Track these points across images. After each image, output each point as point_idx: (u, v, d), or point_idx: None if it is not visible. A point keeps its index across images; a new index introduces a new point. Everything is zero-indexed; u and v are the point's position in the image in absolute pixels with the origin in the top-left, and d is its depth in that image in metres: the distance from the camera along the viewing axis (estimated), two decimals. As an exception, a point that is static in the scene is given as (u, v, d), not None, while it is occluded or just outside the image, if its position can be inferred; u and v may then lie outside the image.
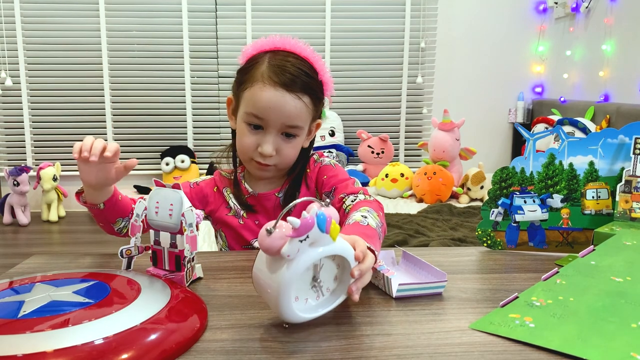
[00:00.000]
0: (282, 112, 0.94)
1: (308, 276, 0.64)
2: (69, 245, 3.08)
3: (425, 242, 2.18)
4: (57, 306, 0.62)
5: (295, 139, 0.99)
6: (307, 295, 0.65)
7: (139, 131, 3.70)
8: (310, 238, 0.60)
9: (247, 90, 0.97)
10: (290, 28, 3.63)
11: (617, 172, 0.96)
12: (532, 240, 0.98)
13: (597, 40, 3.19)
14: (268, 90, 0.94)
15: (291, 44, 0.98)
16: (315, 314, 0.65)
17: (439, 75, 3.78)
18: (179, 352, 0.58)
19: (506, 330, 0.63)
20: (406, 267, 0.85)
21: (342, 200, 0.99)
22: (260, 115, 0.95)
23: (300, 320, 0.64)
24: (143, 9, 3.58)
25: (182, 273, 0.76)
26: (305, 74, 0.96)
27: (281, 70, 0.94)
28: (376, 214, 0.89)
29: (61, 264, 0.90)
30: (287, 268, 0.60)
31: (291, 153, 1.00)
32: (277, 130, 0.97)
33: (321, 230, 0.60)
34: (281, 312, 0.62)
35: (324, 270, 0.66)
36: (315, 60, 0.98)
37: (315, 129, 1.05)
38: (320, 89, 0.99)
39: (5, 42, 3.51)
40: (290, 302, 0.62)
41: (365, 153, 3.50)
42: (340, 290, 0.67)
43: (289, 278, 0.60)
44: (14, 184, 3.33)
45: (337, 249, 0.63)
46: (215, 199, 1.08)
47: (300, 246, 0.59)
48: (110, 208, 0.93)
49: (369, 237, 0.78)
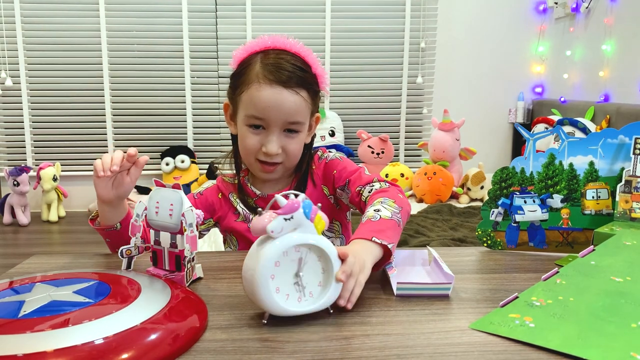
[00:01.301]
0: (281, 109, 0.94)
1: (291, 268, 0.65)
2: (69, 245, 3.08)
3: (425, 242, 2.18)
4: (57, 306, 0.62)
5: (298, 135, 0.99)
6: (289, 291, 0.65)
7: (139, 131, 3.70)
8: (295, 220, 0.63)
9: (244, 93, 0.97)
10: (290, 28, 3.63)
11: (617, 172, 0.96)
12: (532, 240, 0.98)
13: (597, 40, 3.19)
14: (265, 89, 0.94)
15: (281, 41, 0.99)
16: (295, 310, 0.65)
17: (439, 75, 3.78)
18: (179, 352, 0.58)
19: (506, 330, 0.63)
20: (433, 268, 0.85)
21: (359, 194, 0.99)
22: (261, 116, 0.95)
23: (279, 311, 0.64)
24: (143, 9, 3.58)
25: (182, 273, 0.76)
26: (300, 69, 0.96)
27: (275, 68, 0.94)
28: (392, 200, 0.89)
29: (61, 264, 0.90)
30: (270, 245, 0.63)
31: (296, 149, 1.00)
32: (279, 128, 0.96)
33: (306, 216, 0.64)
34: (259, 294, 0.63)
35: (307, 271, 0.66)
36: (306, 55, 0.99)
37: (315, 124, 1.05)
38: (315, 82, 1.00)
39: (5, 42, 3.51)
40: (269, 282, 0.62)
41: (365, 153, 3.50)
42: (322, 296, 0.67)
43: (270, 255, 0.62)
44: (14, 184, 3.33)
45: (319, 240, 0.66)
46: (222, 206, 1.07)
47: (284, 225, 0.63)
48: (127, 227, 0.89)
49: (380, 232, 0.79)
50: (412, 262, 0.88)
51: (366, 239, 0.79)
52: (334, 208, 1.08)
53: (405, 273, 0.84)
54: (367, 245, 0.78)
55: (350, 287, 0.69)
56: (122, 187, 0.89)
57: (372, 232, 0.79)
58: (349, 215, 1.13)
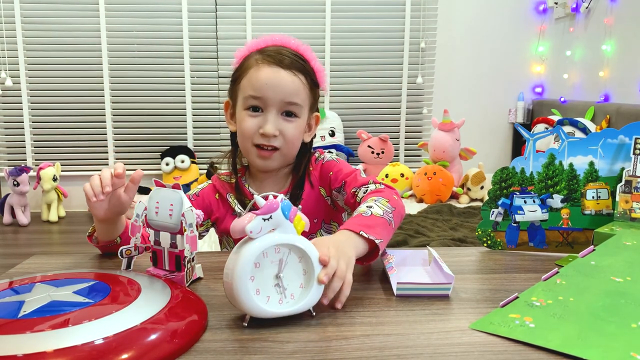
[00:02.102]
0: (279, 87, 0.95)
1: (271, 270, 0.64)
2: (69, 245, 3.08)
3: (425, 242, 2.18)
4: (57, 306, 0.62)
5: (297, 120, 0.99)
6: (269, 292, 0.64)
7: (139, 131, 3.70)
8: (274, 220, 0.63)
9: (243, 80, 0.98)
10: (290, 28, 3.63)
11: (617, 172, 0.96)
12: (532, 240, 0.98)
13: (597, 40, 3.19)
14: (263, 69, 0.95)
15: (279, 38, 1.01)
16: (276, 311, 0.64)
17: (439, 75, 3.78)
18: (179, 352, 0.58)
19: (506, 330, 0.63)
20: (433, 268, 0.85)
21: (355, 195, 0.98)
22: (258, 94, 0.96)
23: (260, 313, 0.63)
24: (143, 9, 3.58)
25: (182, 273, 0.76)
26: (299, 58, 0.98)
27: (273, 53, 0.97)
28: (385, 200, 0.88)
29: (61, 264, 0.90)
30: (248, 246, 0.63)
31: (294, 135, 0.99)
32: (277, 109, 0.97)
33: (285, 217, 0.64)
34: (239, 296, 0.62)
35: (288, 272, 0.65)
36: (305, 51, 1.01)
37: (315, 124, 1.06)
38: (314, 75, 1.01)
39: (5, 42, 3.51)
40: (248, 284, 0.62)
41: (365, 153, 3.50)
42: (304, 298, 0.66)
43: (249, 255, 0.62)
44: (14, 184, 3.33)
45: (298, 240, 0.65)
46: (219, 207, 1.06)
47: (263, 225, 0.63)
48: (128, 239, 0.85)
49: (369, 227, 0.79)
50: (412, 262, 0.88)
51: (354, 231, 0.77)
52: (331, 209, 1.08)
53: (405, 273, 0.84)
54: (353, 238, 0.77)
55: (336, 287, 0.68)
56: (120, 206, 0.86)
57: (360, 226, 0.78)
58: (344, 216, 1.12)
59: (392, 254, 0.86)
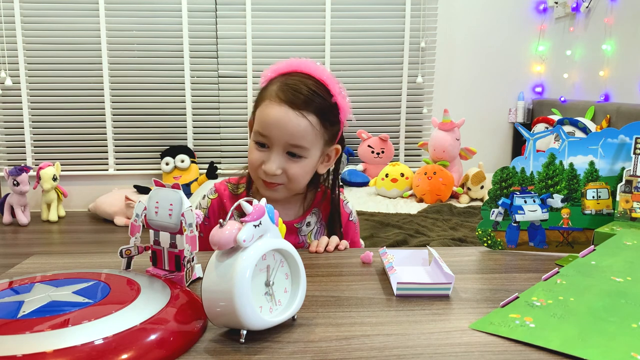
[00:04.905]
0: (284, 129, 0.93)
1: (261, 278, 0.62)
2: (69, 245, 3.08)
3: (425, 242, 2.18)
4: (56, 306, 0.62)
5: (302, 160, 0.96)
6: (261, 302, 0.62)
7: (139, 131, 3.70)
8: (263, 226, 0.61)
9: (258, 109, 0.97)
10: (290, 28, 3.63)
11: (618, 172, 0.96)
12: (532, 240, 0.98)
13: (597, 40, 3.19)
14: (273, 107, 0.93)
15: (307, 65, 0.97)
16: (270, 321, 0.61)
17: (439, 75, 3.78)
18: (179, 352, 0.58)
19: (506, 331, 0.63)
20: (433, 268, 0.85)
21: None
22: (264, 132, 0.94)
23: (260, 324, 0.60)
24: (143, 9, 3.58)
25: (182, 273, 0.76)
26: (317, 95, 0.94)
27: (289, 88, 0.93)
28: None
29: (61, 264, 0.90)
30: (243, 257, 0.58)
31: (298, 174, 0.96)
32: (281, 149, 0.94)
33: (271, 220, 0.62)
34: (244, 313, 0.58)
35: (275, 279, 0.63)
36: (331, 83, 0.97)
37: (334, 156, 1.04)
38: (332, 112, 0.98)
39: (5, 42, 3.51)
40: (250, 297, 0.58)
41: (365, 153, 3.50)
42: (291, 303, 0.65)
43: (246, 266, 0.58)
44: (13, 184, 3.33)
45: (287, 245, 0.64)
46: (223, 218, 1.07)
47: (254, 232, 0.60)
48: None
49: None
50: (412, 262, 0.88)
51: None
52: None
53: (405, 273, 0.84)
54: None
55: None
56: None
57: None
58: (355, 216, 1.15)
59: (392, 254, 0.86)
